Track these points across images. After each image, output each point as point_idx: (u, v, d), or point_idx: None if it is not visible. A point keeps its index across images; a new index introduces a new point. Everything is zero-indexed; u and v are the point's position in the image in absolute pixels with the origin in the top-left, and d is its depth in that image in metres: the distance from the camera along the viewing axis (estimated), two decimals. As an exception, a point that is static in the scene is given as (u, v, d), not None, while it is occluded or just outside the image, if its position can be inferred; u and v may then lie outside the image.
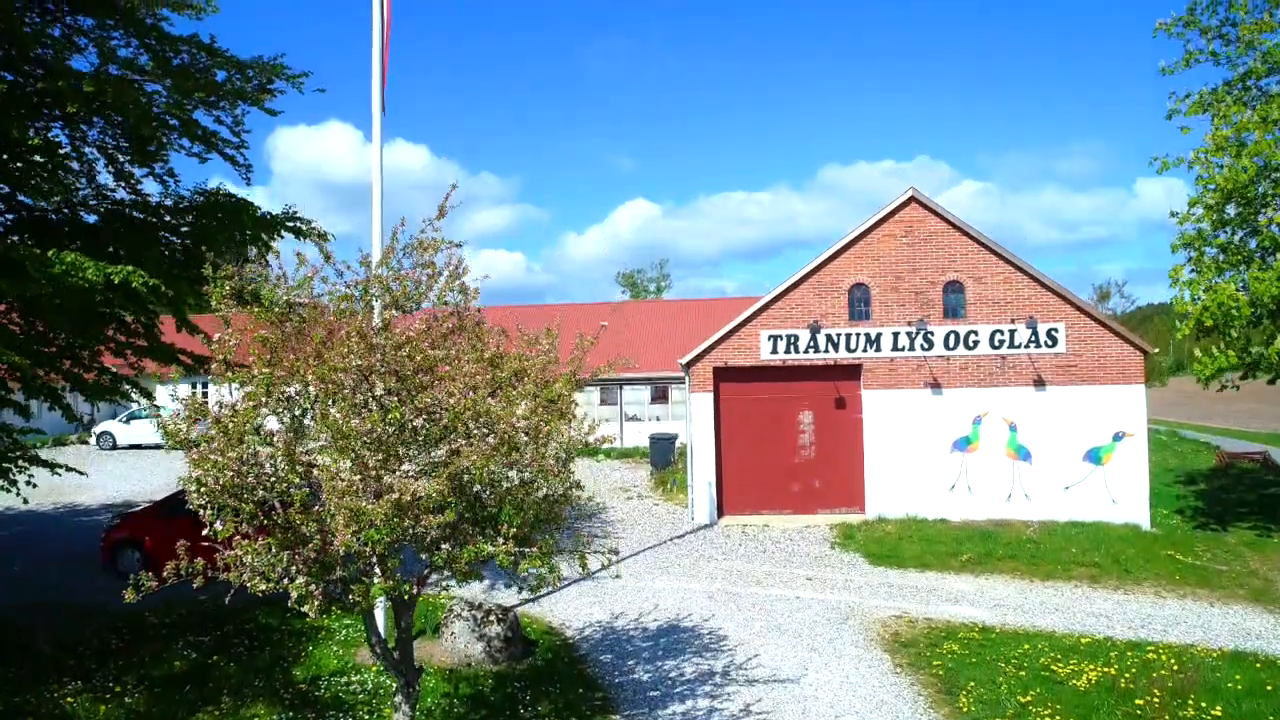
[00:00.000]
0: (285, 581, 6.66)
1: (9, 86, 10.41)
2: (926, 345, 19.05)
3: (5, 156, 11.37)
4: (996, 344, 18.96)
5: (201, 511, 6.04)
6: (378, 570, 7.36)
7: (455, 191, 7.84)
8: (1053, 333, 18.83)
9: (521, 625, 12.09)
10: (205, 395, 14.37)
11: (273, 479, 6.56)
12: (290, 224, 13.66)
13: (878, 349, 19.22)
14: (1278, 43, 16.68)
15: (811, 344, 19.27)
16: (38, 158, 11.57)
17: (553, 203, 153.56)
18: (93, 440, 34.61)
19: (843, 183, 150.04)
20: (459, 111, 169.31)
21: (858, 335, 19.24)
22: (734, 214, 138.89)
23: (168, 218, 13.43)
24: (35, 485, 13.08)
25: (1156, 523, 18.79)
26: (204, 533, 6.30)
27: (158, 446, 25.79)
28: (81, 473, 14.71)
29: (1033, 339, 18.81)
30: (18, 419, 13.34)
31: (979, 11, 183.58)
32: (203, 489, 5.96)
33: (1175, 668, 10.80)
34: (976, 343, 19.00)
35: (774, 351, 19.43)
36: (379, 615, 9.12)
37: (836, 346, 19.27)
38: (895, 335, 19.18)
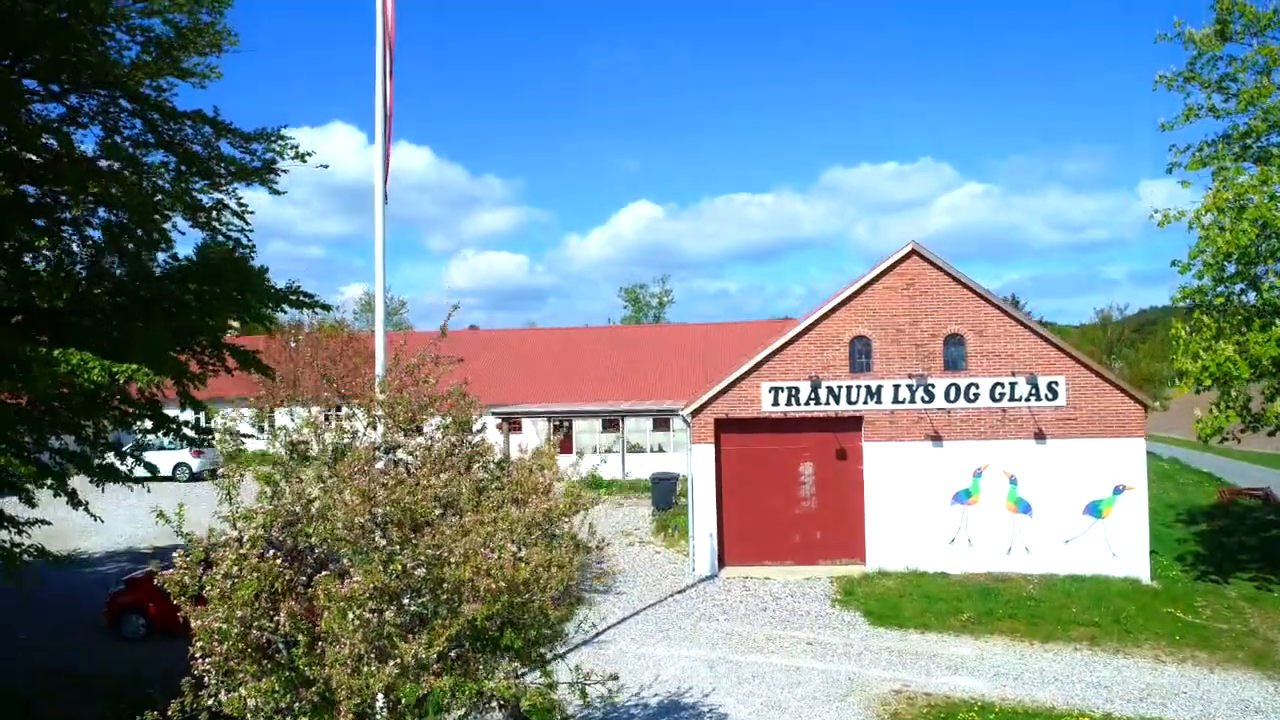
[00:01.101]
0: (288, 720, 6.74)
1: (13, 190, 10.50)
2: (927, 398, 19.10)
3: (11, 250, 11.47)
4: (997, 397, 19.01)
5: (206, 676, 6.11)
6: (380, 700, 7.43)
7: (455, 272, 7.95)
8: (1053, 386, 18.87)
9: (523, 704, 12.12)
10: (209, 423, 14.47)
11: (276, 623, 6.62)
12: (293, 297, 13.78)
13: (878, 401, 19.27)
14: (1278, 101, 16.75)
15: (812, 396, 19.33)
16: (44, 246, 11.66)
17: (556, 204, 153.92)
18: (96, 471, 34.65)
19: (846, 184, 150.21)
20: (462, 113, 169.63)
21: (858, 387, 19.30)
22: (737, 216, 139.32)
23: (171, 286, 13.53)
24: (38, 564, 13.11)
25: (1157, 574, 18.83)
26: None
27: (164, 479, 25.83)
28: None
29: (1033, 392, 18.85)
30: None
31: (982, 13, 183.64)
32: (209, 657, 6.03)
33: (1174, 756, 10.85)
34: (977, 396, 19.04)
35: (775, 404, 19.50)
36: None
37: (837, 399, 19.33)
38: (896, 388, 19.23)
